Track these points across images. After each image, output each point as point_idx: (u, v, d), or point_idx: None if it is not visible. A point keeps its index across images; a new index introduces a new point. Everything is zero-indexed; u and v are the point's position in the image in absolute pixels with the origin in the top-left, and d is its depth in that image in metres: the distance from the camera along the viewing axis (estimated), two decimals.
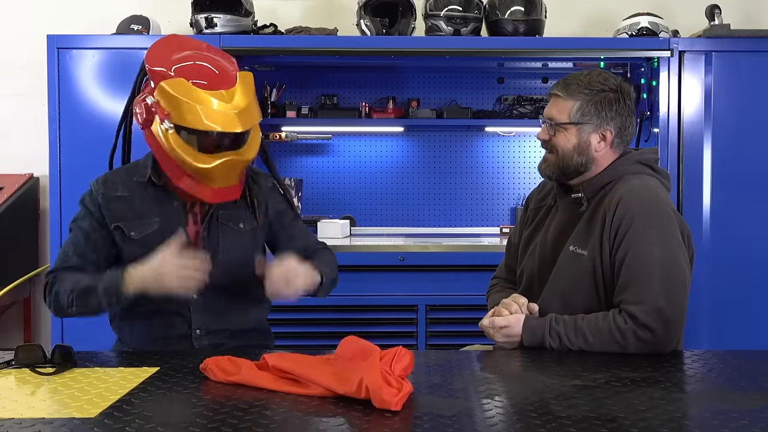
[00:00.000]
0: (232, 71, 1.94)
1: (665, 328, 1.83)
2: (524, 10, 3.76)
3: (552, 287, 2.00)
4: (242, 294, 2.08)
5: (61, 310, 1.95)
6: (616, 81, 2.02)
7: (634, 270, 1.87)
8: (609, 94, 1.98)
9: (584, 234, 1.97)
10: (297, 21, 4.12)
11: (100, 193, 2.00)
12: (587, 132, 1.98)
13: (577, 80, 1.99)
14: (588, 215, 1.99)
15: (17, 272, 3.92)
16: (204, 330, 2.03)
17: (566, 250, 1.99)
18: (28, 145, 4.13)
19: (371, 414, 1.38)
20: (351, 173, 4.28)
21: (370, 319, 3.59)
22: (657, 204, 1.93)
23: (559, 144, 2.00)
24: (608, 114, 1.98)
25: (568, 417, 1.37)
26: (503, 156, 4.30)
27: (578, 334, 1.87)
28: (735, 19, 3.89)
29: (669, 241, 1.89)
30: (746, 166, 3.66)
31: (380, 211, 4.31)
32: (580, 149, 1.99)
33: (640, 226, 1.88)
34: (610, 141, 2.00)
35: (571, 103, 1.98)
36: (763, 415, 1.39)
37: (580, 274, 1.95)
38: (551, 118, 2.01)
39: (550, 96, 2.04)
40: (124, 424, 1.33)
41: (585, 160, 2.00)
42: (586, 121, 1.98)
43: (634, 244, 1.88)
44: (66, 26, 3.98)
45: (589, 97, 1.97)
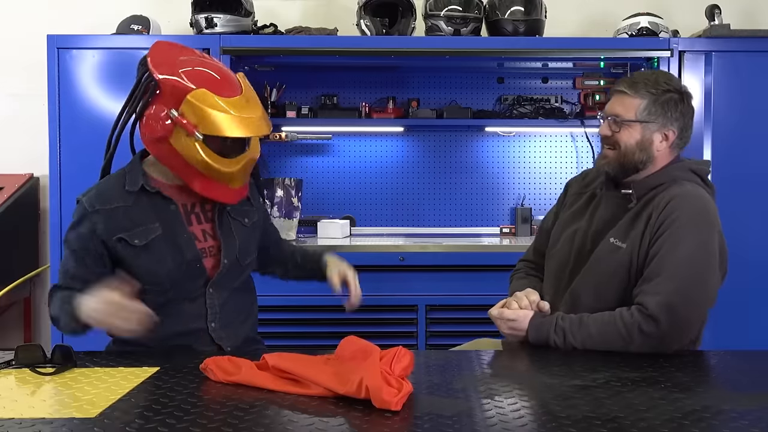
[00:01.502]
0: (233, 76, 2.01)
1: (671, 325, 1.84)
2: (524, 10, 3.76)
3: (586, 277, 2.02)
4: (247, 286, 2.18)
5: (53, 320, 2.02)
6: (679, 83, 2.06)
7: (661, 265, 1.89)
8: (674, 95, 2.02)
9: (627, 228, 2.00)
10: (297, 21, 4.12)
11: (96, 209, 1.97)
12: (651, 131, 2.01)
13: (644, 79, 2.03)
14: (635, 211, 2.01)
15: (17, 272, 3.92)
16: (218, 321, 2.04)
17: (606, 242, 2.02)
18: (28, 145, 4.13)
19: (371, 414, 1.38)
20: (351, 173, 4.28)
21: (370, 319, 3.59)
22: (705, 212, 1.96)
23: (622, 140, 2.03)
24: (673, 114, 2.01)
25: (568, 417, 1.37)
26: (503, 156, 4.30)
27: (583, 328, 1.89)
28: (735, 19, 3.89)
29: (704, 248, 1.92)
30: (746, 166, 3.66)
31: (380, 211, 4.30)
32: (643, 146, 2.02)
33: (681, 227, 1.91)
34: (671, 141, 2.03)
35: (638, 101, 2.01)
36: (763, 415, 1.39)
37: (616, 267, 1.98)
38: (616, 114, 2.04)
39: (614, 93, 2.07)
40: (124, 424, 1.33)
41: (645, 158, 2.03)
42: (651, 120, 2.01)
43: (669, 242, 1.90)
44: (66, 26, 3.98)
45: (656, 96, 2.01)
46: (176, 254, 1.98)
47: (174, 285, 1.98)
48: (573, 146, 4.28)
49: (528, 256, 2.35)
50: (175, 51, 1.99)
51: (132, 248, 1.96)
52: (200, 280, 2.02)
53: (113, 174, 2.08)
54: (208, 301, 2.03)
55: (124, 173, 2.04)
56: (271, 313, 3.31)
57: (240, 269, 2.09)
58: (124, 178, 2.03)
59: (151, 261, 1.96)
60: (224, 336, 2.04)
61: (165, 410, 1.41)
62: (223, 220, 2.07)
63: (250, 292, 2.20)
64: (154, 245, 1.97)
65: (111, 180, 2.05)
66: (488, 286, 3.59)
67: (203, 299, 2.03)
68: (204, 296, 2.03)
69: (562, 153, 4.28)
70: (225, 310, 2.06)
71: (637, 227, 1.97)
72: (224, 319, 2.05)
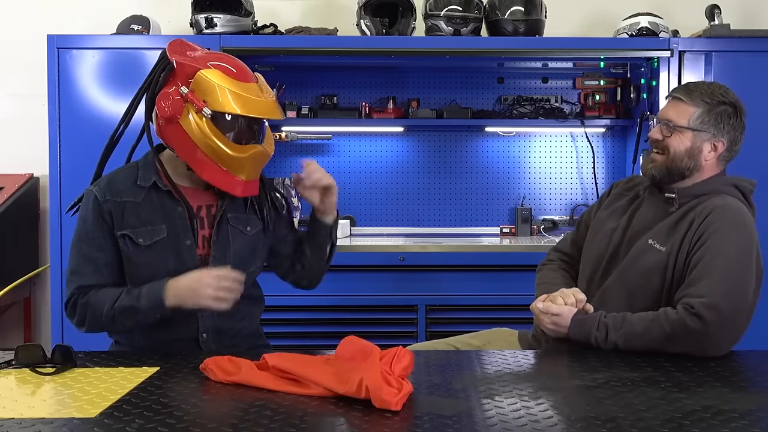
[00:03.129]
0: (251, 72, 1.99)
1: (717, 324, 1.84)
2: (524, 10, 3.75)
3: (619, 276, 2.03)
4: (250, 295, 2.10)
5: (96, 325, 1.95)
6: (734, 96, 2.09)
7: (704, 271, 1.90)
8: (728, 108, 2.05)
9: (667, 232, 2.01)
10: (297, 21, 4.12)
11: (107, 199, 1.96)
12: (702, 139, 2.04)
13: (700, 88, 2.06)
14: (677, 216, 2.02)
15: (17, 272, 3.92)
16: (210, 333, 2.02)
17: (643, 242, 2.02)
18: (28, 145, 4.12)
19: (371, 414, 1.38)
20: (351, 173, 4.28)
21: (370, 319, 3.59)
22: (745, 225, 1.98)
23: (672, 145, 2.04)
24: (725, 126, 2.04)
25: (569, 417, 1.37)
26: (503, 156, 4.30)
27: (626, 324, 1.88)
28: (735, 19, 3.89)
29: (745, 257, 1.93)
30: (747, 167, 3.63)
31: (380, 211, 4.30)
32: (692, 153, 2.04)
33: (724, 235, 1.93)
34: (720, 152, 2.06)
35: (693, 109, 2.03)
36: (763, 415, 1.39)
37: (652, 268, 1.98)
38: (669, 119, 2.06)
39: (670, 98, 2.09)
40: (124, 424, 1.34)
41: (693, 165, 2.04)
42: (704, 129, 2.03)
43: (712, 249, 1.92)
44: (66, 26, 3.98)
45: (710, 106, 2.03)
46: (176, 260, 1.96)
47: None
48: (573, 146, 4.27)
49: (563, 247, 2.33)
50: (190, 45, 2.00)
51: (136, 247, 1.95)
52: None
53: (125, 167, 2.06)
54: (200, 312, 1.99)
55: (137, 167, 2.02)
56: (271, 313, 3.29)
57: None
58: (137, 172, 2.01)
59: (151, 262, 1.95)
60: (215, 348, 2.00)
61: (165, 410, 1.41)
62: (221, 228, 2.02)
63: (253, 301, 2.12)
64: (157, 247, 1.96)
65: (122, 172, 2.03)
66: (488, 286, 3.60)
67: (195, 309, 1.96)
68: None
69: (562, 153, 4.28)
70: (218, 322, 2.01)
71: (678, 232, 1.99)
72: (217, 331, 2.02)
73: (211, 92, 1.88)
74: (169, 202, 1.98)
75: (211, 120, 1.88)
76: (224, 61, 1.95)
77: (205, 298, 1.86)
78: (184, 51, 1.96)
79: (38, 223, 4.20)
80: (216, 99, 1.88)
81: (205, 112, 1.87)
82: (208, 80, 1.88)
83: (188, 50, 1.97)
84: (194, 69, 1.90)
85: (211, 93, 1.88)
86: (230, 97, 1.88)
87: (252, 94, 1.91)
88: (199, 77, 1.89)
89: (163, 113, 1.91)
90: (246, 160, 1.93)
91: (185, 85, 1.90)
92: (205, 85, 1.88)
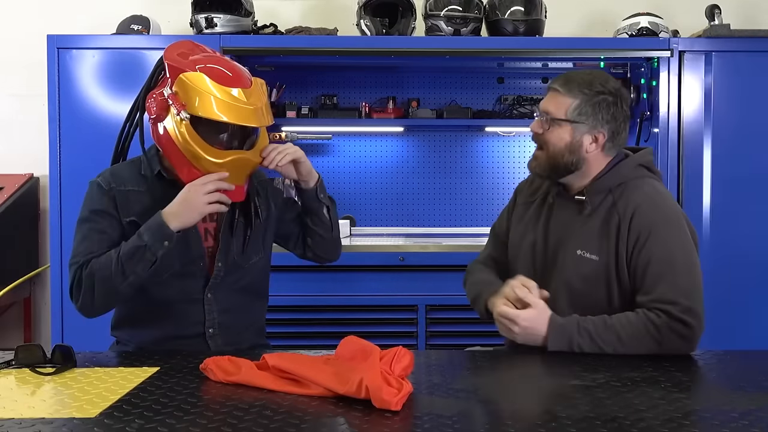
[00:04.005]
0: (247, 77, 1.97)
1: (698, 326, 1.87)
2: (524, 10, 3.75)
3: (559, 290, 1.99)
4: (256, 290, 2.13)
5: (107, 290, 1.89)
6: (615, 84, 2.01)
7: (660, 273, 1.89)
8: (608, 97, 1.97)
9: (595, 240, 1.97)
10: (297, 21, 4.12)
11: (111, 186, 1.97)
12: (581, 132, 1.98)
13: (578, 78, 1.99)
14: (598, 220, 1.98)
15: (17, 272, 3.92)
16: (216, 328, 2.03)
17: (573, 254, 1.98)
18: (28, 145, 4.12)
19: (371, 414, 1.38)
20: (351, 173, 4.28)
21: (370, 319, 3.59)
22: (672, 210, 1.98)
23: (551, 140, 1.99)
24: (604, 117, 1.97)
25: (568, 417, 1.37)
26: (503, 156, 4.30)
27: (610, 331, 1.85)
28: (735, 19, 3.89)
29: (686, 245, 1.94)
30: (746, 166, 3.66)
31: (380, 211, 4.30)
32: (572, 148, 1.98)
33: (661, 233, 1.92)
34: (602, 144, 1.99)
35: (570, 100, 1.97)
36: (763, 415, 1.39)
37: (590, 277, 1.95)
38: (547, 111, 2.00)
39: (549, 90, 2.04)
40: (124, 424, 1.33)
41: (575, 160, 1.99)
42: (581, 121, 1.97)
43: (657, 250, 1.91)
44: (66, 26, 3.98)
45: (588, 97, 1.97)
46: (183, 248, 1.96)
47: (174, 281, 1.97)
48: None
49: (484, 262, 2.27)
50: (194, 47, 2.00)
51: None
52: (201, 281, 2.02)
53: (129, 159, 2.07)
54: (207, 307, 2.01)
55: (139, 159, 2.03)
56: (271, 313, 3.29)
57: (241, 271, 2.06)
58: (139, 163, 2.02)
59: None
60: (221, 343, 2.02)
61: (165, 410, 1.41)
62: (223, 220, 2.04)
63: (258, 297, 2.15)
64: None
65: (124, 164, 2.05)
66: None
67: (202, 304, 2.01)
68: (203, 301, 2.02)
69: None
70: (226, 317, 2.03)
71: (608, 238, 1.95)
72: (223, 326, 2.03)
73: (191, 96, 1.87)
74: (173, 193, 1.98)
75: (190, 123, 1.87)
76: (215, 64, 1.93)
77: (201, 205, 1.87)
78: (184, 52, 1.95)
79: (38, 223, 4.20)
80: (195, 103, 1.86)
81: (183, 115, 1.87)
82: (189, 84, 1.87)
83: (192, 51, 1.96)
84: (179, 71, 1.89)
85: (191, 97, 1.87)
86: (212, 101, 1.85)
87: (234, 101, 1.87)
88: (182, 80, 1.87)
89: (150, 113, 1.93)
90: (224, 165, 1.90)
91: (171, 87, 1.90)
92: (187, 88, 1.87)
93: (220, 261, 2.02)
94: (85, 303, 1.92)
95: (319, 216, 2.13)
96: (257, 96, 1.93)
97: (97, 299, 1.91)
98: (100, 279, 1.88)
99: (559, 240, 2.03)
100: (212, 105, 1.86)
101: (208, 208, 1.89)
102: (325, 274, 3.52)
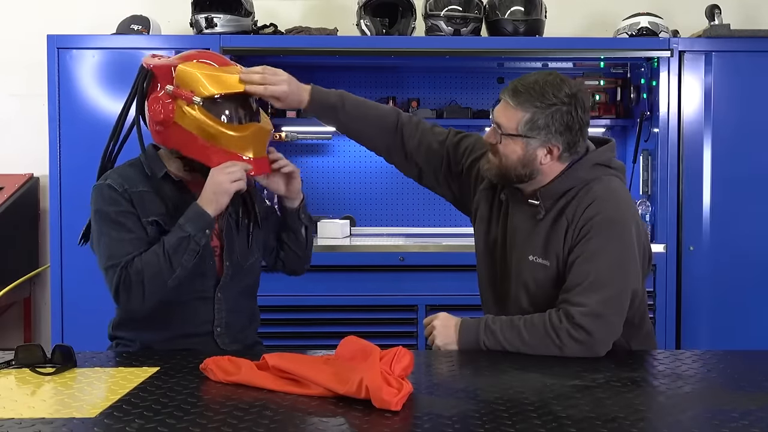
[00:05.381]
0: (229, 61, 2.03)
1: (601, 332, 1.82)
2: (524, 10, 3.76)
3: (519, 292, 1.98)
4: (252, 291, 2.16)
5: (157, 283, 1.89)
6: (570, 89, 1.89)
7: (581, 274, 1.85)
8: (561, 107, 1.87)
9: (545, 244, 1.93)
10: (297, 21, 4.12)
11: (125, 188, 1.95)
12: (534, 146, 1.89)
13: (529, 88, 1.88)
14: (548, 224, 1.94)
15: (17, 272, 3.92)
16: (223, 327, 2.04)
17: (526, 259, 1.96)
18: (28, 145, 4.12)
19: (371, 414, 1.38)
20: (351, 173, 4.28)
21: (370, 319, 3.59)
22: (618, 211, 1.91)
23: (503, 153, 1.92)
24: (558, 129, 1.87)
25: (568, 417, 1.37)
26: None
27: (514, 331, 1.85)
28: (735, 19, 3.89)
29: (621, 249, 1.88)
30: (746, 166, 3.66)
31: (380, 211, 4.30)
32: (525, 161, 1.91)
33: (597, 233, 1.86)
34: (557, 155, 1.91)
35: (521, 114, 1.88)
36: (763, 415, 1.39)
37: (546, 284, 1.93)
38: (498, 124, 1.93)
39: (500, 98, 1.95)
40: (124, 424, 1.33)
41: (529, 172, 1.92)
42: (533, 135, 1.88)
43: (588, 249, 1.86)
44: (66, 26, 3.98)
45: (540, 109, 1.86)
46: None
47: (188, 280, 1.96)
48: None
49: None
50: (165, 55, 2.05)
51: (164, 233, 1.93)
52: (211, 280, 2.02)
53: (126, 163, 2.05)
54: (217, 306, 2.03)
55: (140, 162, 2.02)
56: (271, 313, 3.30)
57: (243, 272, 2.07)
58: (140, 165, 2.01)
59: None
60: (228, 341, 2.04)
61: (165, 410, 1.41)
62: (225, 221, 2.05)
63: (253, 297, 2.18)
64: None
65: (128, 167, 2.03)
66: None
67: (212, 303, 2.02)
68: (213, 300, 2.02)
69: None
70: (231, 316, 2.05)
71: (556, 242, 1.91)
72: (230, 324, 2.05)
73: (194, 81, 1.90)
74: (180, 194, 1.99)
75: (203, 107, 1.90)
76: (203, 58, 1.98)
77: (227, 184, 1.90)
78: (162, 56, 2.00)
79: (38, 223, 4.20)
80: (202, 86, 1.90)
81: (195, 100, 1.89)
82: (188, 71, 1.91)
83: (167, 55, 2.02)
84: (173, 66, 1.93)
85: (195, 82, 1.90)
86: (217, 79, 1.92)
87: (234, 73, 1.94)
88: (180, 71, 1.91)
89: (157, 117, 1.92)
90: (248, 137, 1.95)
91: (170, 84, 1.92)
92: (187, 76, 1.91)
93: (227, 260, 2.03)
94: (134, 301, 1.91)
95: (296, 234, 2.16)
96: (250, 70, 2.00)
97: (147, 296, 1.91)
98: (149, 275, 1.89)
99: (514, 244, 2.00)
100: (220, 81, 1.92)
101: (234, 186, 1.92)
102: (325, 274, 3.52)
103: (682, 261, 3.64)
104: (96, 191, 1.97)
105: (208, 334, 2.03)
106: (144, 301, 1.92)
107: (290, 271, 2.27)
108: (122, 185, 1.95)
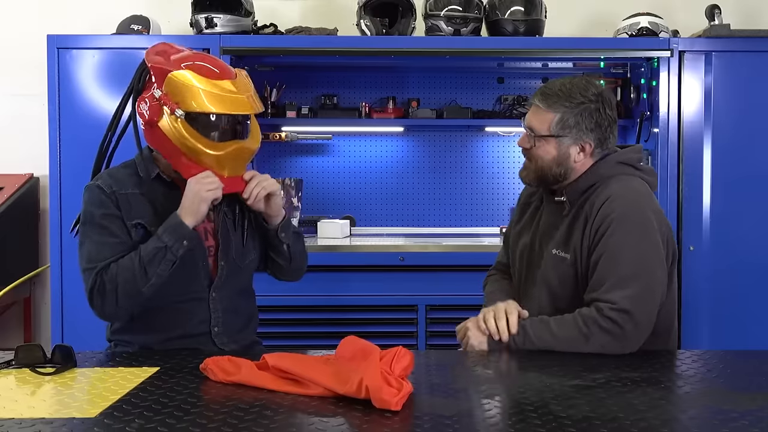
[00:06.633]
0: (231, 69, 2.00)
1: (629, 327, 1.84)
2: (524, 10, 3.75)
3: (540, 291, 2.02)
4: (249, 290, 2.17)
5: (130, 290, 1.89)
6: (596, 89, 1.99)
7: (607, 271, 1.88)
8: (589, 105, 1.96)
9: (565, 238, 1.99)
10: (297, 21, 4.12)
11: (113, 190, 1.96)
12: (566, 144, 1.98)
13: (557, 91, 1.98)
14: (570, 218, 2.00)
15: (17, 272, 3.92)
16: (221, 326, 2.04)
17: (550, 253, 2.01)
18: (28, 145, 4.12)
19: (371, 414, 1.38)
20: (351, 173, 4.28)
21: (370, 319, 3.59)
22: (637, 206, 1.94)
23: (538, 155, 2.01)
24: (588, 126, 1.97)
25: (568, 417, 1.37)
26: (503, 156, 4.30)
27: (543, 325, 1.88)
28: (735, 19, 3.89)
29: (644, 244, 1.90)
30: (746, 167, 3.66)
31: (380, 211, 4.30)
32: (559, 161, 1.99)
33: (617, 229, 1.90)
34: (589, 152, 2.00)
35: (551, 115, 1.97)
36: (763, 415, 1.39)
37: (564, 278, 1.97)
38: (531, 128, 2.01)
39: (531, 104, 2.04)
40: (124, 424, 1.33)
41: (564, 171, 2.00)
42: (565, 134, 1.97)
43: (609, 246, 1.89)
44: (66, 26, 3.98)
45: (569, 109, 1.96)
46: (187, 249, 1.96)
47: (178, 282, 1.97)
48: None
49: (498, 264, 2.33)
50: (169, 46, 2.02)
51: (149, 236, 1.95)
52: (205, 281, 2.02)
53: (121, 164, 2.07)
54: (212, 306, 2.03)
55: (134, 163, 2.04)
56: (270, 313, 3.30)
57: (239, 271, 2.08)
58: (135, 167, 2.03)
59: None
60: (227, 341, 2.04)
61: (165, 410, 1.41)
62: (221, 220, 2.06)
63: (250, 296, 2.19)
64: None
65: (120, 168, 2.05)
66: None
67: (207, 303, 2.02)
68: (208, 300, 2.03)
69: None
70: (228, 316, 2.05)
71: (575, 235, 1.96)
72: (227, 323, 2.05)
73: (182, 93, 1.90)
74: (173, 194, 1.99)
75: (185, 120, 1.90)
76: (199, 61, 1.96)
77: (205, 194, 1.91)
78: (165, 53, 1.97)
79: (38, 223, 4.20)
80: (187, 99, 1.89)
81: (178, 113, 1.89)
82: (178, 81, 1.90)
83: (171, 52, 1.98)
84: (166, 72, 1.91)
85: (181, 94, 1.90)
86: (202, 96, 1.89)
87: (225, 92, 1.91)
88: (170, 79, 1.91)
89: (143, 117, 1.95)
90: (224, 156, 1.94)
91: (160, 88, 1.92)
92: (176, 86, 1.90)
93: (222, 260, 2.04)
94: (108, 307, 1.92)
95: (279, 252, 2.15)
96: (244, 85, 1.97)
97: (120, 302, 1.91)
98: (123, 282, 1.90)
99: (542, 242, 2.06)
100: (204, 99, 1.90)
101: (210, 195, 1.92)
102: (324, 274, 3.52)
103: (682, 261, 3.64)
104: (86, 191, 1.99)
105: (206, 335, 2.03)
106: (118, 307, 1.92)
107: (281, 279, 2.27)
108: (111, 187, 1.97)
